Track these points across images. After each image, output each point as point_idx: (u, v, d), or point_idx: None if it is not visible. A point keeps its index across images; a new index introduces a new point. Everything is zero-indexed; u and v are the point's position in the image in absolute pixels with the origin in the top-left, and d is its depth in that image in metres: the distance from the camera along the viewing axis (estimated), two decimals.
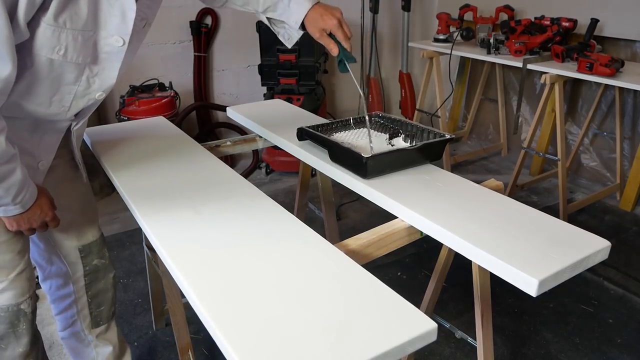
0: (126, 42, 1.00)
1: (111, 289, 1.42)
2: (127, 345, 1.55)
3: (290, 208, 1.19)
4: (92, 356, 1.46)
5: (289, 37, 1.33)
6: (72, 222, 1.29)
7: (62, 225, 1.25)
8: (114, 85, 1.06)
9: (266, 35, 2.96)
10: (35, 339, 1.21)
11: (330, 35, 1.21)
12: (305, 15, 1.21)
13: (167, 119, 1.75)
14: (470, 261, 0.99)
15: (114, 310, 1.46)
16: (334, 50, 1.21)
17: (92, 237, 1.34)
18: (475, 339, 1.30)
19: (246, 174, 3.24)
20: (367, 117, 1.35)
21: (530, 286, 0.84)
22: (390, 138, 1.39)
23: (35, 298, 1.18)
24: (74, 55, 0.97)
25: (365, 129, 1.49)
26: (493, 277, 0.98)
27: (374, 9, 3.59)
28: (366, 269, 0.86)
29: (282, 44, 3.38)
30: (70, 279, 1.35)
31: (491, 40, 2.77)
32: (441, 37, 3.13)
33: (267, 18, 1.30)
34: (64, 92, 1.03)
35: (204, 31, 3.16)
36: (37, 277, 2.07)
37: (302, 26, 1.25)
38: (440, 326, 0.74)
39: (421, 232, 1.09)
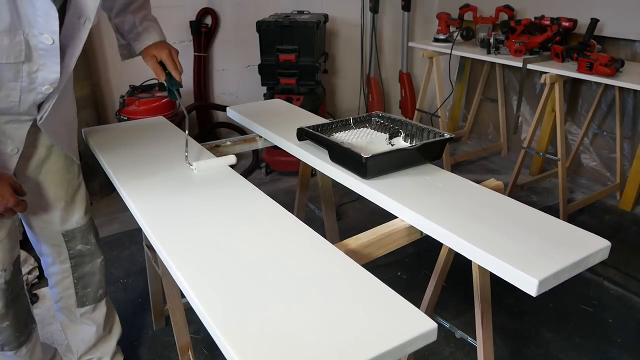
0: (55, 40, 1.03)
1: (98, 273, 1.49)
2: (114, 329, 1.62)
3: (290, 208, 1.19)
4: (75, 332, 1.54)
5: (128, 52, 1.47)
6: (56, 209, 1.35)
7: (46, 210, 1.33)
8: (59, 78, 1.08)
9: (266, 35, 2.96)
10: (13, 302, 1.26)
11: (162, 64, 1.39)
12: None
13: (167, 119, 1.75)
14: (470, 261, 0.99)
15: (102, 293, 1.52)
16: (160, 76, 1.39)
17: (76, 224, 1.40)
18: (475, 339, 1.30)
19: (246, 174, 3.24)
20: None
21: (530, 286, 0.84)
22: (390, 138, 1.39)
23: (11, 269, 1.24)
24: (3, 57, 1.00)
25: (365, 129, 1.49)
26: (493, 277, 0.98)
27: (374, 9, 3.59)
28: (366, 269, 0.86)
29: (282, 44, 3.35)
30: (57, 260, 1.42)
31: (491, 40, 2.77)
32: (441, 37, 3.13)
33: (116, 27, 1.44)
34: (8, 88, 1.06)
35: (203, 31, 3.16)
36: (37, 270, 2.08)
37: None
38: (440, 326, 0.74)
39: (421, 232, 1.09)
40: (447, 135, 1.29)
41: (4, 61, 1.01)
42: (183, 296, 1.23)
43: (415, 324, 0.73)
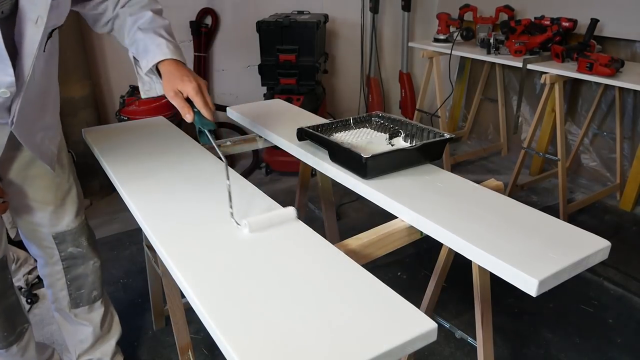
0: None
1: (92, 275, 1.48)
2: (113, 329, 1.62)
3: None
4: (72, 332, 1.55)
5: (149, 88, 1.26)
6: (45, 212, 1.34)
7: (34, 213, 1.32)
8: (14, 82, 1.01)
9: (266, 35, 2.96)
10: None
11: (189, 101, 1.13)
12: (162, 65, 1.17)
13: (167, 119, 1.75)
14: (470, 261, 0.99)
15: (97, 294, 1.51)
16: (187, 117, 1.13)
17: (66, 227, 1.38)
18: (475, 339, 1.30)
19: (246, 174, 3.24)
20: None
21: (530, 286, 0.84)
22: (390, 138, 1.39)
23: None
24: None
25: (365, 129, 1.49)
26: (493, 277, 0.99)
27: (374, 9, 3.59)
28: (366, 269, 0.86)
29: (282, 44, 3.34)
30: (49, 262, 1.42)
31: (491, 40, 2.77)
32: (441, 37, 3.13)
33: (134, 59, 1.25)
34: None
35: (203, 31, 3.16)
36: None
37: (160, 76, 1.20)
38: (440, 326, 0.74)
39: (421, 232, 1.09)
40: (447, 136, 1.29)
41: None
42: (183, 296, 1.23)
43: (415, 324, 0.73)
